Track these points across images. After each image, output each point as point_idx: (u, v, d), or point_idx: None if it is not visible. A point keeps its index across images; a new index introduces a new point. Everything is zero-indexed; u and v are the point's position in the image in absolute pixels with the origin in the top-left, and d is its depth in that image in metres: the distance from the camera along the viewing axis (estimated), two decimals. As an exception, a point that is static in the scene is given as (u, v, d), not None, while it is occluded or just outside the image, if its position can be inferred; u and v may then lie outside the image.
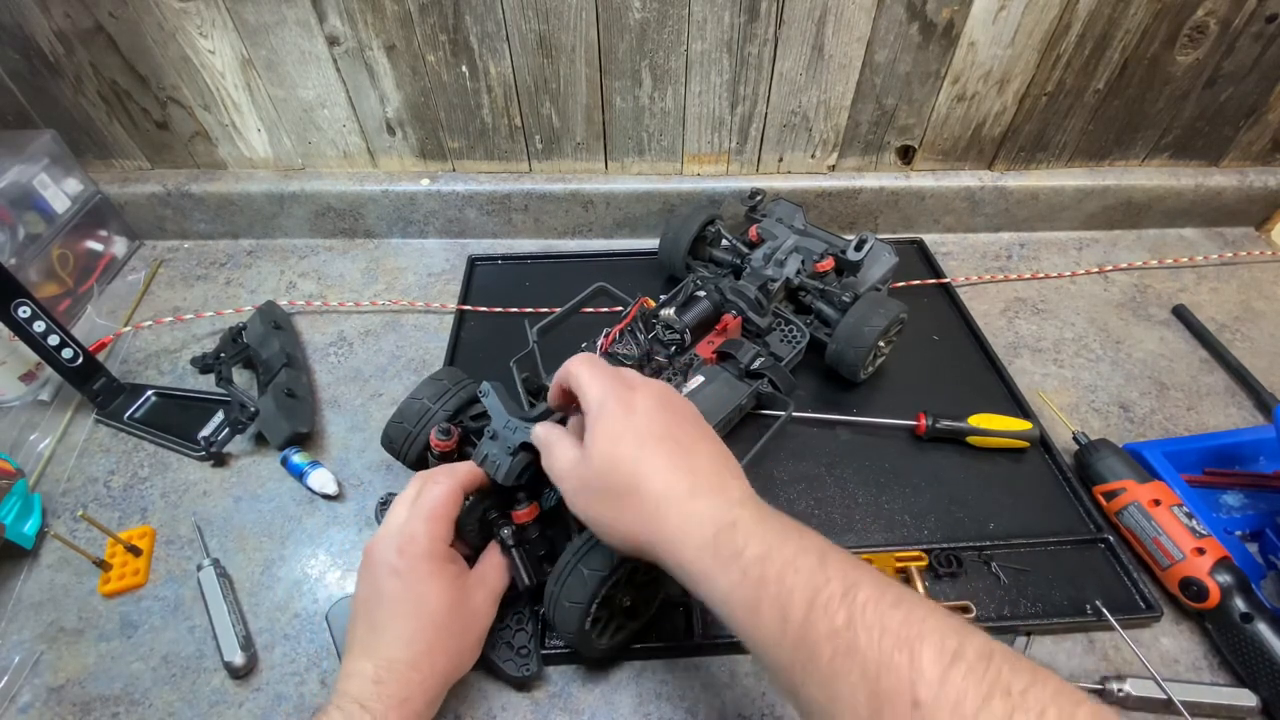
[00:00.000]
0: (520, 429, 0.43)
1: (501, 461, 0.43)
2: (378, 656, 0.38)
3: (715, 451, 0.38)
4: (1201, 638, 0.48)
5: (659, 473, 0.36)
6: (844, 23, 0.66)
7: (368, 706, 0.36)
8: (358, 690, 0.37)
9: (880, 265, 0.67)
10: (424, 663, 0.38)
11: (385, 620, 0.39)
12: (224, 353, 0.65)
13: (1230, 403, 0.64)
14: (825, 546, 0.32)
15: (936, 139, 0.76)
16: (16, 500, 0.52)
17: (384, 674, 0.37)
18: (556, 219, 0.80)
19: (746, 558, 0.32)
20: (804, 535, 0.33)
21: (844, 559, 0.31)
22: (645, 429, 0.37)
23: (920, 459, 0.58)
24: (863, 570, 0.31)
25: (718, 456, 0.38)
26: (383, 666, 0.37)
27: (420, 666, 0.38)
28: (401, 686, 0.37)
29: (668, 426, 0.38)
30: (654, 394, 0.39)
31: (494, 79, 0.70)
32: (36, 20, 0.65)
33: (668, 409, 0.39)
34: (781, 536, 0.32)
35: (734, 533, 0.33)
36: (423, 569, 0.40)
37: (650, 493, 0.35)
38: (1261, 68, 0.71)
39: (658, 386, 0.40)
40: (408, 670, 0.38)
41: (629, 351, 0.56)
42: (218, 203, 0.78)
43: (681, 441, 0.37)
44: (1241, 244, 0.82)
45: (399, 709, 0.36)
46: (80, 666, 0.47)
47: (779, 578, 0.31)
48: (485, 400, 0.46)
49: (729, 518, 0.34)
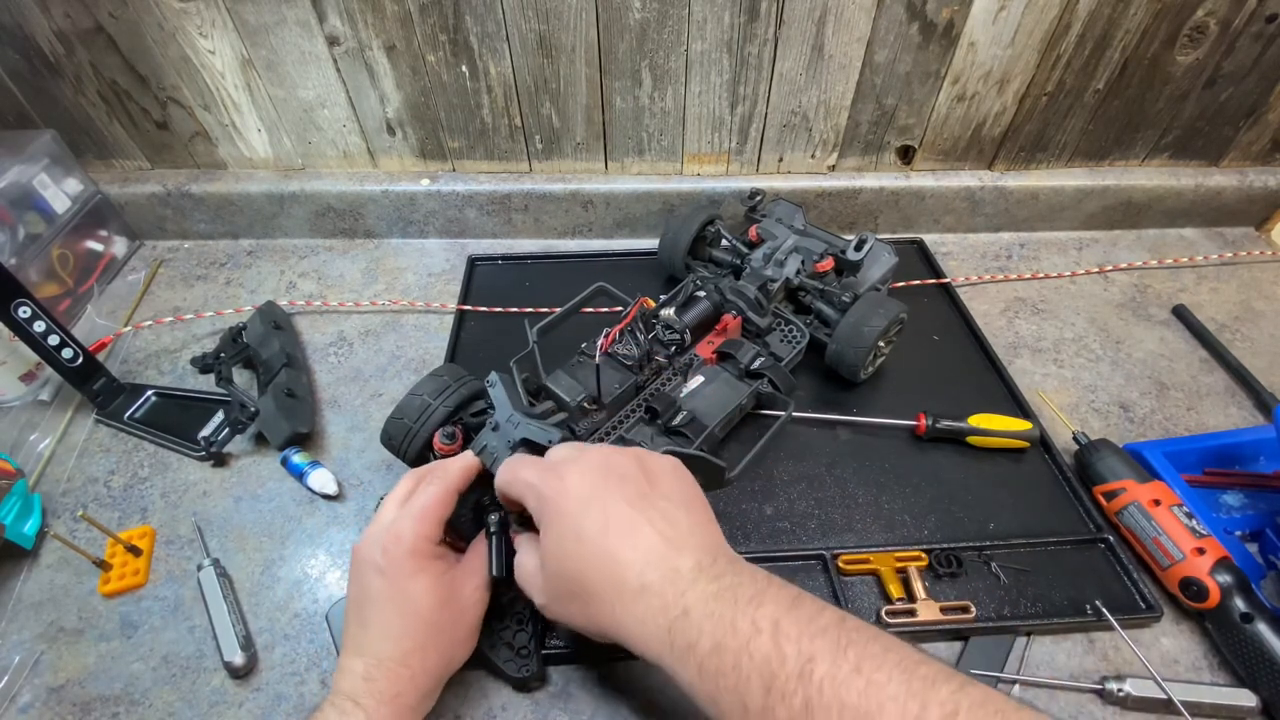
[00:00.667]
0: (522, 424, 0.43)
1: (500, 455, 0.43)
2: (367, 654, 0.38)
3: (666, 513, 0.36)
4: (1201, 638, 0.48)
5: (605, 571, 0.34)
6: (844, 23, 0.66)
7: (360, 703, 0.36)
8: (349, 687, 0.37)
9: (880, 265, 0.67)
10: (414, 659, 0.38)
11: (372, 618, 0.39)
12: (224, 353, 0.65)
13: (1230, 403, 0.64)
14: (780, 614, 0.31)
15: (936, 139, 0.76)
16: (16, 500, 0.52)
17: (374, 671, 0.38)
18: (556, 219, 0.80)
19: (700, 651, 0.31)
20: (760, 605, 0.31)
21: (802, 625, 0.30)
22: (582, 520, 0.36)
23: (920, 459, 0.58)
24: (822, 636, 0.30)
25: (669, 517, 0.36)
26: (372, 664, 0.38)
27: (410, 663, 0.38)
28: (392, 683, 0.37)
29: (606, 505, 0.36)
30: (588, 469, 0.38)
31: (494, 79, 0.70)
32: (36, 20, 0.65)
33: (605, 482, 0.37)
34: (734, 618, 0.31)
35: (687, 624, 0.32)
36: (408, 566, 0.39)
37: (602, 595, 0.34)
38: (1261, 68, 0.71)
39: (592, 458, 0.39)
40: (397, 667, 0.38)
41: (629, 351, 0.56)
42: (218, 203, 0.78)
43: (624, 520, 0.35)
44: (1241, 244, 0.82)
45: (391, 704, 0.37)
46: (80, 666, 0.47)
47: (735, 667, 0.30)
48: (492, 390, 0.46)
49: (680, 608, 0.32)
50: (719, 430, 0.55)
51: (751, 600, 0.31)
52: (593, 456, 0.39)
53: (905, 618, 0.47)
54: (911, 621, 0.47)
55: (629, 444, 0.54)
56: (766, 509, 0.55)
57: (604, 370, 0.54)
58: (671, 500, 0.37)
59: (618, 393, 0.54)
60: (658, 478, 0.39)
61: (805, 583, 0.50)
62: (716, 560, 0.34)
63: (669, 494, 0.38)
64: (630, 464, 0.39)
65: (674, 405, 0.54)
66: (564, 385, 0.52)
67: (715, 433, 0.55)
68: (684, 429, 0.53)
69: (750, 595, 0.32)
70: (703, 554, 0.34)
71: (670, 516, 0.36)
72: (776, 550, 0.52)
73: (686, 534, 0.35)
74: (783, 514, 0.54)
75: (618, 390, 0.54)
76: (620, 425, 0.55)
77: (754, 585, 0.32)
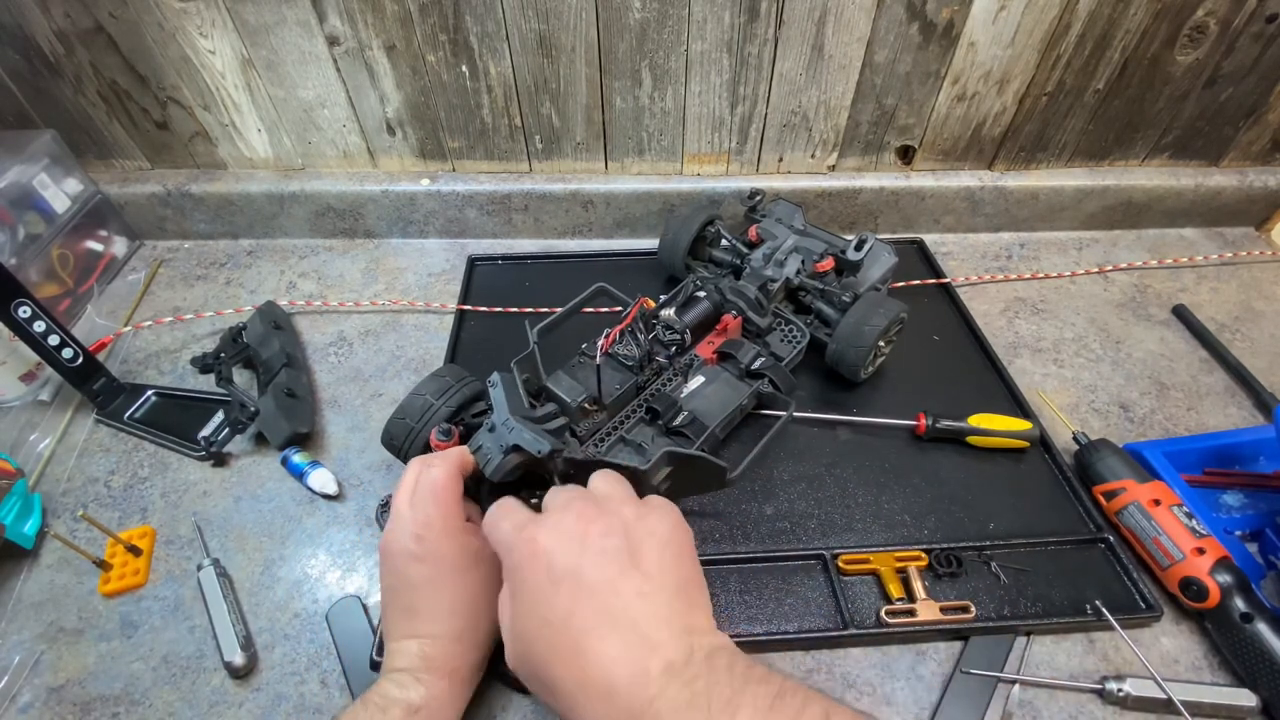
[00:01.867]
0: (516, 429, 0.43)
1: (493, 457, 0.43)
2: (422, 635, 0.40)
3: (645, 594, 0.33)
4: (1201, 638, 0.48)
5: (568, 663, 0.32)
6: (844, 23, 0.66)
7: (419, 678, 0.38)
8: (407, 664, 0.39)
9: (880, 265, 0.67)
10: (467, 634, 0.40)
11: (420, 604, 0.40)
12: (224, 353, 0.65)
13: (1230, 403, 0.64)
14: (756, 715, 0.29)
15: (936, 139, 0.76)
16: (16, 500, 0.52)
17: (429, 649, 0.39)
18: (556, 219, 0.80)
19: None
20: (735, 712, 0.29)
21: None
22: (549, 604, 0.33)
23: (920, 459, 0.58)
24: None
25: (646, 602, 0.33)
26: (428, 643, 0.40)
27: (464, 638, 0.40)
28: (449, 658, 0.40)
29: (575, 589, 0.32)
30: (560, 540, 0.34)
31: (494, 79, 0.70)
32: (36, 20, 0.65)
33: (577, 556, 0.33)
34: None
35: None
36: (445, 548, 0.40)
37: (563, 689, 0.32)
38: (1261, 68, 0.71)
39: (565, 527, 0.35)
40: (452, 644, 0.40)
41: (629, 352, 0.56)
42: (218, 203, 0.78)
43: (590, 607, 0.32)
44: (1241, 244, 0.82)
45: (449, 678, 0.39)
46: (80, 666, 0.47)
47: None
48: (493, 391, 0.46)
49: (650, 715, 0.30)
50: (720, 430, 0.55)
51: (726, 707, 0.29)
52: (570, 521, 0.35)
53: (905, 618, 0.47)
54: (911, 621, 0.47)
55: (630, 445, 0.54)
56: (766, 509, 0.55)
57: (604, 371, 0.54)
58: (653, 580, 0.34)
59: (618, 393, 0.54)
60: (642, 551, 0.35)
61: (805, 582, 0.50)
62: (692, 656, 0.31)
63: (651, 571, 0.34)
64: (614, 531, 0.35)
65: (675, 405, 0.54)
66: (564, 386, 0.52)
67: (716, 433, 0.55)
68: (685, 429, 0.53)
69: (725, 700, 0.29)
70: (677, 650, 0.31)
71: (649, 605, 0.33)
72: (776, 550, 0.52)
73: (664, 625, 0.32)
74: (783, 514, 0.54)
75: (618, 391, 0.54)
76: (621, 425, 0.55)
77: (730, 687, 0.30)
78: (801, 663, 0.47)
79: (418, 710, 0.37)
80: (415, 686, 0.38)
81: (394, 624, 0.41)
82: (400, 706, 0.37)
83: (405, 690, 0.38)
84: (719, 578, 0.50)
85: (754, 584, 0.50)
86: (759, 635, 0.47)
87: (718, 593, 0.50)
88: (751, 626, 0.48)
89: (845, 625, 0.47)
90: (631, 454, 0.53)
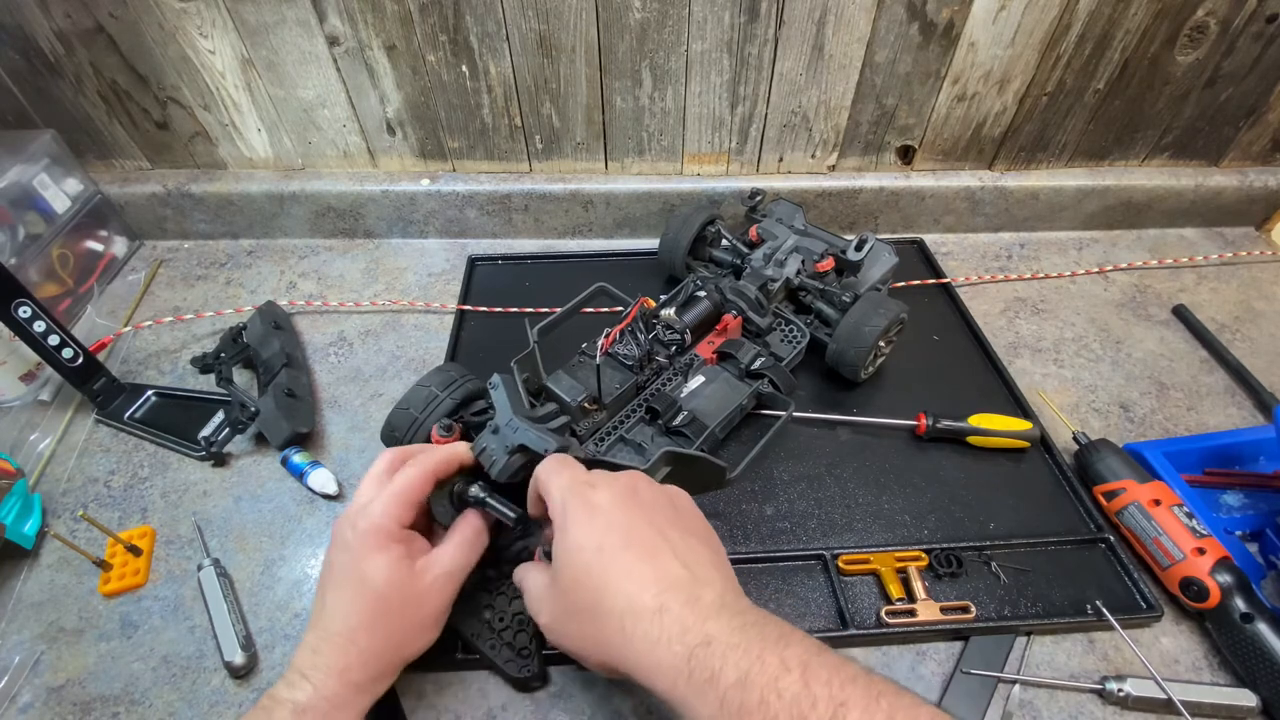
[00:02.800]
0: (520, 429, 0.43)
1: (498, 458, 0.43)
2: (319, 628, 0.38)
3: (691, 546, 0.36)
4: (1201, 638, 0.48)
5: (622, 585, 0.33)
6: (844, 23, 0.66)
7: (308, 676, 0.37)
8: (300, 660, 0.37)
9: (880, 265, 0.67)
10: (360, 636, 0.38)
11: (329, 593, 0.39)
12: (224, 353, 0.65)
13: (1230, 403, 0.64)
14: (809, 656, 0.30)
15: (936, 139, 0.76)
16: (16, 500, 0.52)
17: (321, 644, 0.38)
18: (556, 219, 0.80)
19: (724, 684, 0.29)
20: (788, 645, 0.30)
21: (831, 669, 0.29)
22: (605, 533, 0.35)
23: (920, 459, 0.58)
24: (853, 683, 0.29)
25: (693, 551, 0.36)
26: (321, 638, 0.38)
27: (357, 639, 0.38)
28: (338, 657, 0.37)
29: (631, 525, 0.36)
30: (618, 489, 0.37)
31: (494, 79, 0.70)
32: (36, 20, 0.65)
33: (633, 504, 0.37)
34: (761, 651, 0.30)
35: (709, 653, 0.30)
36: (370, 543, 0.39)
37: (613, 610, 0.33)
38: (1261, 68, 0.71)
39: (624, 481, 0.39)
40: (344, 642, 0.38)
41: (629, 352, 0.56)
42: (218, 203, 0.78)
43: (648, 542, 0.35)
44: (1241, 244, 0.82)
45: (338, 678, 0.37)
46: (80, 666, 0.47)
47: (761, 704, 0.28)
48: (494, 392, 0.46)
49: (701, 634, 0.31)
50: (719, 430, 0.55)
51: (779, 639, 0.30)
52: (626, 479, 0.39)
53: (905, 618, 0.47)
54: (912, 621, 0.47)
55: (630, 444, 0.54)
56: (767, 509, 0.55)
57: (604, 370, 0.54)
58: (697, 536, 0.37)
59: (618, 393, 0.54)
60: (684, 513, 0.39)
61: (805, 583, 0.50)
62: (740, 598, 0.34)
63: (694, 529, 0.38)
64: (659, 494, 0.39)
65: (674, 405, 0.54)
66: (565, 385, 0.52)
67: (716, 433, 0.55)
68: (684, 429, 0.53)
69: (777, 634, 0.31)
70: (726, 591, 0.34)
71: (694, 549, 0.36)
72: (776, 550, 0.52)
73: (710, 568, 0.35)
74: (783, 514, 0.54)
75: (618, 390, 0.54)
76: (621, 425, 0.55)
77: (779, 626, 0.32)
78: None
79: (304, 711, 0.36)
80: (303, 685, 0.36)
81: (313, 612, 0.40)
82: (286, 707, 0.36)
83: (293, 690, 0.36)
84: (719, 578, 0.50)
85: (754, 584, 0.50)
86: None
87: (718, 593, 0.50)
88: (752, 626, 0.48)
89: (846, 625, 0.47)
90: (631, 454, 0.54)
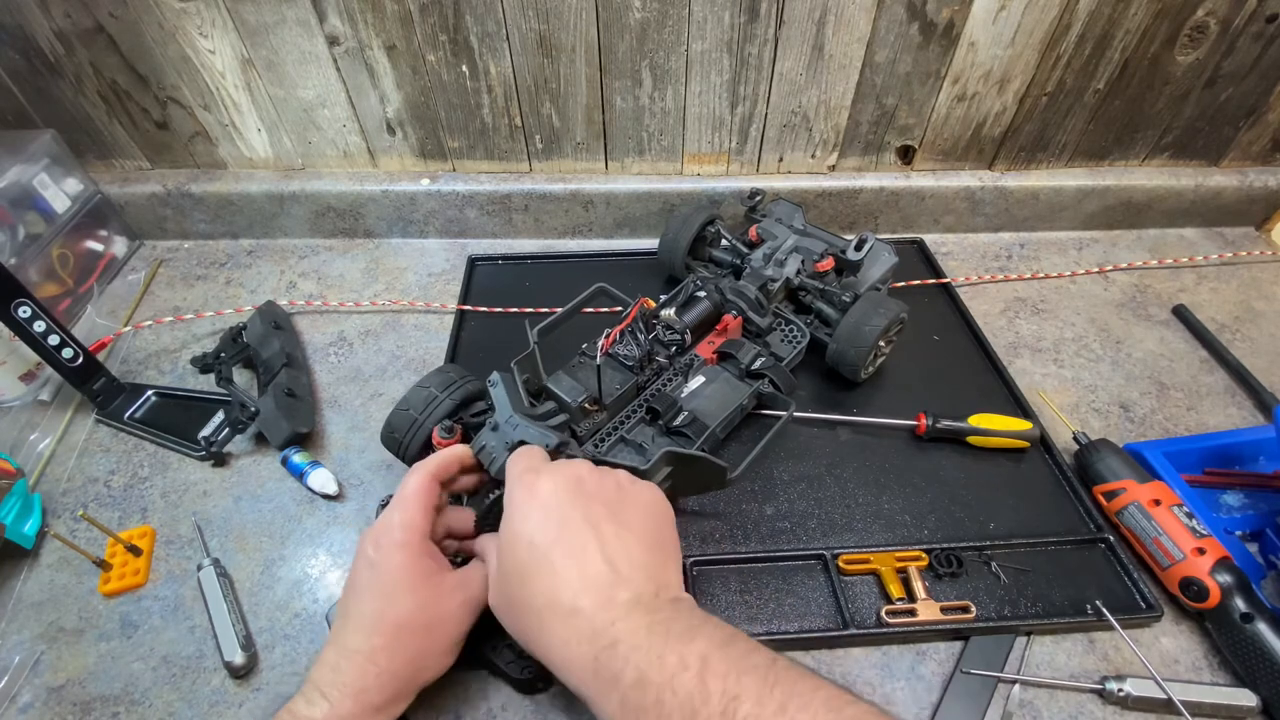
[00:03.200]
0: (520, 426, 0.43)
1: (498, 455, 0.43)
2: (340, 645, 0.38)
3: (623, 540, 0.36)
4: (1201, 638, 0.48)
5: (544, 582, 0.34)
6: (844, 23, 0.66)
7: (326, 694, 0.36)
8: (319, 677, 0.37)
9: (880, 265, 0.67)
10: (381, 656, 0.37)
11: (352, 610, 0.39)
12: (224, 353, 0.65)
13: (1230, 403, 0.64)
14: (711, 650, 0.30)
15: (936, 139, 0.76)
16: (16, 500, 0.52)
17: (343, 663, 0.37)
18: (556, 219, 0.80)
19: (624, 684, 0.30)
20: (691, 640, 0.31)
21: (731, 662, 0.30)
22: (540, 526, 0.36)
23: (920, 459, 0.58)
24: (750, 674, 0.29)
25: (624, 546, 0.36)
26: (343, 655, 0.37)
27: (377, 660, 0.37)
28: (358, 677, 0.37)
29: (565, 519, 0.36)
30: (561, 479, 0.38)
31: (494, 79, 0.70)
32: (36, 20, 0.65)
33: (574, 495, 0.37)
34: (662, 651, 0.31)
35: (613, 655, 0.31)
36: (395, 560, 0.39)
37: (534, 606, 0.34)
38: (1261, 68, 0.71)
39: (568, 471, 0.39)
40: (365, 662, 0.37)
41: (629, 352, 0.56)
42: (218, 203, 0.78)
43: (577, 538, 0.35)
44: (1241, 244, 0.82)
45: (356, 699, 0.36)
46: (80, 666, 0.47)
47: (657, 702, 0.29)
48: (493, 390, 0.46)
49: (609, 637, 0.32)
50: (720, 430, 0.55)
51: (683, 635, 0.31)
52: (572, 469, 0.39)
53: (905, 618, 0.47)
54: (911, 621, 0.47)
55: (630, 445, 0.54)
56: (767, 509, 0.55)
57: (605, 371, 0.54)
58: (633, 532, 0.37)
59: (619, 393, 0.54)
60: (627, 508, 0.38)
61: (805, 582, 0.50)
62: (658, 596, 0.34)
63: (632, 524, 0.37)
64: (607, 486, 0.39)
65: (675, 405, 0.54)
66: (565, 386, 0.52)
67: (716, 433, 0.55)
68: (685, 429, 0.53)
69: (683, 630, 0.31)
70: (644, 589, 0.34)
71: (625, 548, 0.36)
72: (776, 550, 0.52)
73: (636, 568, 0.35)
74: (783, 514, 0.54)
75: (619, 391, 0.54)
76: (621, 426, 0.55)
77: (689, 621, 0.32)
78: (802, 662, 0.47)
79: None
80: (320, 703, 0.36)
81: (334, 627, 0.40)
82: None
83: (311, 707, 0.36)
84: (719, 578, 0.50)
85: (754, 584, 0.50)
86: (759, 636, 0.47)
87: (718, 593, 0.50)
88: (751, 627, 0.48)
89: (845, 625, 0.47)
90: (632, 454, 0.53)
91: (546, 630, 0.34)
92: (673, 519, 0.41)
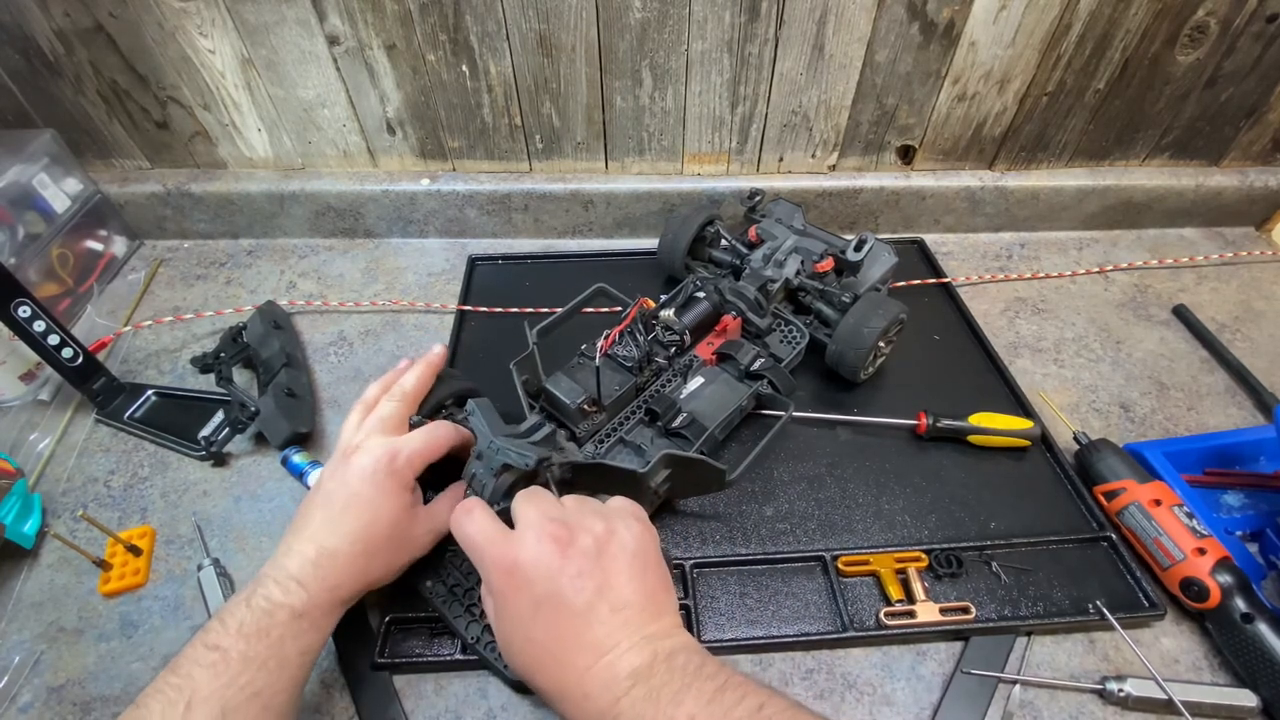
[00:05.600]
0: (503, 450, 0.43)
1: (486, 481, 0.43)
2: (322, 544, 0.41)
3: (612, 602, 0.36)
4: (1202, 638, 0.48)
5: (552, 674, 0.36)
6: (844, 22, 0.66)
7: (304, 584, 0.39)
8: (297, 568, 0.40)
9: (880, 265, 0.67)
10: (360, 563, 0.42)
11: (340, 516, 0.42)
12: (224, 352, 0.65)
13: (1230, 403, 0.64)
14: (698, 708, 0.32)
15: (937, 139, 0.76)
16: (16, 500, 0.52)
17: (324, 560, 0.40)
18: (556, 219, 0.80)
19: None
20: (680, 703, 0.32)
21: (715, 718, 0.31)
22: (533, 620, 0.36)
23: (921, 459, 0.58)
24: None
25: (613, 607, 0.36)
26: (325, 554, 0.41)
27: (355, 564, 0.41)
28: (334, 574, 0.40)
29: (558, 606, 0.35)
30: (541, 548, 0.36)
31: (494, 78, 0.70)
32: (36, 20, 0.65)
33: (559, 564, 0.36)
34: None
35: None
36: (390, 484, 0.43)
37: (547, 692, 0.36)
38: (1262, 68, 0.71)
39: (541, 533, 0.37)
40: (346, 562, 0.41)
41: (628, 353, 0.56)
42: (218, 202, 0.78)
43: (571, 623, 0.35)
44: (1241, 244, 0.82)
45: (329, 593, 0.40)
46: (80, 666, 0.47)
47: None
48: (470, 420, 0.46)
49: (613, 714, 0.33)
50: (719, 432, 0.55)
51: (674, 699, 0.33)
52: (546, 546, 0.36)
53: (904, 619, 0.47)
54: (911, 623, 0.47)
55: (629, 446, 0.54)
56: (766, 510, 0.55)
57: (604, 372, 0.54)
58: (623, 596, 0.36)
59: (618, 394, 0.54)
60: (612, 571, 0.37)
61: (805, 584, 0.50)
62: (655, 659, 0.34)
63: (620, 588, 0.36)
64: (587, 555, 0.36)
65: (674, 407, 0.54)
66: (564, 387, 0.52)
67: (715, 434, 0.55)
68: (684, 430, 0.53)
69: (673, 693, 0.33)
70: (642, 656, 0.34)
71: (619, 618, 0.35)
72: (776, 552, 0.52)
73: (634, 632, 0.35)
74: (783, 515, 0.54)
75: (618, 392, 0.54)
76: (620, 427, 0.55)
77: (681, 680, 0.33)
78: (802, 663, 0.47)
79: (301, 616, 0.38)
80: (299, 592, 0.39)
81: (308, 522, 0.42)
82: (285, 611, 0.38)
83: (289, 595, 0.38)
84: (719, 579, 0.50)
85: (753, 586, 0.50)
86: (758, 638, 0.47)
87: (718, 594, 0.50)
88: (751, 629, 0.48)
89: (844, 628, 0.47)
90: (631, 456, 0.53)
91: (563, 710, 0.36)
92: (657, 546, 0.40)
